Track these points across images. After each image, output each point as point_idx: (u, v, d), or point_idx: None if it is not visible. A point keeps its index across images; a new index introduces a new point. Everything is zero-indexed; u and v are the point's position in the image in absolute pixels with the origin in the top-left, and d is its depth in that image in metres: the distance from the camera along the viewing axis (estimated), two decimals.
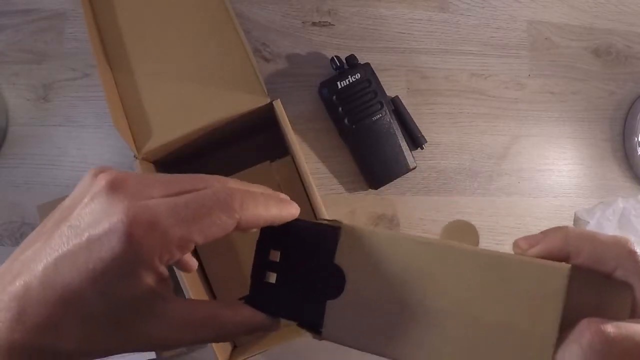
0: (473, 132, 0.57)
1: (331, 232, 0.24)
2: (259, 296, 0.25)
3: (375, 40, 0.57)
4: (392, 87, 0.56)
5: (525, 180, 0.58)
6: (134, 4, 0.45)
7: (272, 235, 0.25)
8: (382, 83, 0.52)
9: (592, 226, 0.56)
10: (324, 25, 0.56)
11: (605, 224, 0.56)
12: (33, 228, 0.54)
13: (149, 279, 0.19)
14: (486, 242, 0.56)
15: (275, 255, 0.25)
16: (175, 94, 0.42)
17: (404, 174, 0.53)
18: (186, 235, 0.19)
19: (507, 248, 0.56)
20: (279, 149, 0.51)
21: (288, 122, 0.41)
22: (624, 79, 0.61)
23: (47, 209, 0.48)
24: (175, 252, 0.20)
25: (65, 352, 0.19)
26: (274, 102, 0.41)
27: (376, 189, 0.54)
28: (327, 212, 0.44)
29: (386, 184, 0.53)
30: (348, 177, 0.55)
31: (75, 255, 0.19)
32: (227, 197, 0.21)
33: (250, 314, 0.23)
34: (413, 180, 0.56)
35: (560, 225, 0.24)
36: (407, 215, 0.55)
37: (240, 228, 0.21)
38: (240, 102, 0.42)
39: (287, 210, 0.24)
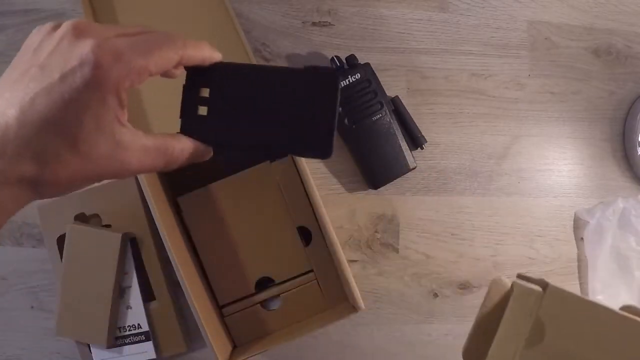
0: (473, 132, 0.57)
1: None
2: (193, 127, 0.29)
3: (375, 40, 0.57)
4: (392, 87, 0.56)
5: (525, 180, 0.58)
6: (134, 4, 0.45)
7: (200, 75, 0.29)
8: (382, 83, 0.52)
9: (592, 226, 0.56)
10: (324, 25, 0.56)
11: (605, 224, 0.56)
12: (33, 228, 0.54)
13: (114, 103, 0.23)
14: (486, 242, 0.56)
15: (205, 92, 0.29)
16: (175, 95, 0.42)
17: (404, 174, 0.53)
18: (144, 65, 0.23)
19: (507, 248, 0.56)
20: None
21: None
22: (624, 79, 0.61)
23: (47, 209, 0.48)
24: (135, 80, 0.23)
25: (41, 180, 0.22)
26: None
27: (376, 189, 0.54)
28: (327, 211, 0.44)
29: (386, 184, 0.53)
30: (348, 177, 0.55)
31: (49, 91, 0.21)
32: (173, 37, 0.25)
33: (189, 143, 0.28)
34: (413, 180, 0.56)
35: (561, 225, 0.25)
36: (407, 215, 0.55)
37: (181, 63, 0.26)
38: None
39: (216, 53, 0.28)
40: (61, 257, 0.47)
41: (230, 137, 0.29)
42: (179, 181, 0.51)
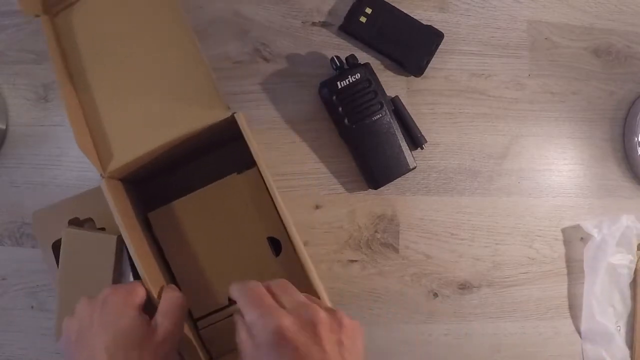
0: (473, 132, 0.57)
1: None
2: (351, 25, 0.55)
3: None
4: (392, 87, 0.56)
5: (525, 180, 0.58)
6: (94, 23, 0.44)
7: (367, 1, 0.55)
8: (382, 83, 0.52)
9: (596, 241, 0.56)
10: (324, 26, 0.56)
11: (610, 241, 0.55)
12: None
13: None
14: (486, 242, 0.56)
15: (369, 10, 0.54)
16: (138, 112, 0.42)
17: (404, 174, 0.53)
18: None
19: (506, 248, 0.56)
20: (247, 159, 0.50)
21: (251, 135, 0.40)
22: (624, 79, 0.61)
23: (41, 215, 0.48)
24: None
25: None
26: (235, 115, 0.40)
27: (376, 189, 0.54)
28: (327, 211, 0.44)
29: (386, 184, 0.53)
30: (348, 177, 0.55)
31: None
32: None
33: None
34: (413, 180, 0.56)
35: (561, 225, 0.24)
36: (407, 215, 0.55)
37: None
38: (201, 116, 0.41)
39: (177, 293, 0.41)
40: (57, 263, 0.47)
41: (371, 40, 0.53)
42: (151, 196, 0.50)
